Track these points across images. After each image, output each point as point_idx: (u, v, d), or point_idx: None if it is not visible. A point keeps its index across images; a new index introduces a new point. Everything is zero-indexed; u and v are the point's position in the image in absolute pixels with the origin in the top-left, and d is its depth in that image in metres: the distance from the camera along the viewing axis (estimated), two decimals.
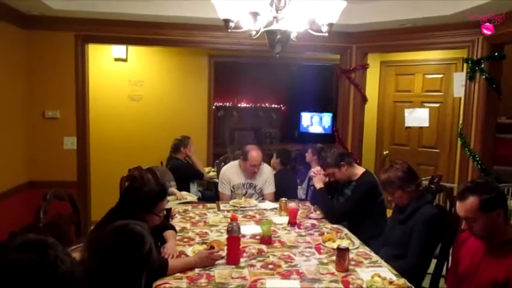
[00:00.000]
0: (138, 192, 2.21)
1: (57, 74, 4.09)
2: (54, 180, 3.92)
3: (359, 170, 3.12)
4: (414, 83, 5.19)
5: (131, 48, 5.20)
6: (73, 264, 0.98)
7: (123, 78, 5.26)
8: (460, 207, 1.84)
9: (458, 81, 4.12)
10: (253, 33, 2.26)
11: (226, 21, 2.22)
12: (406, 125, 5.17)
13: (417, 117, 5.06)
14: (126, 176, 3.36)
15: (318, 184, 3.17)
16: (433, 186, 3.16)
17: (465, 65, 3.97)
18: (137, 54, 5.28)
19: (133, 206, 2.18)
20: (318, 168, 3.29)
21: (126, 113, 5.26)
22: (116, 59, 5.22)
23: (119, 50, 5.17)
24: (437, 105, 5.00)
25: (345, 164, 3.05)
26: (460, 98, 4.33)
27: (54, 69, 4.08)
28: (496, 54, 3.67)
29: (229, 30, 2.24)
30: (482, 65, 3.74)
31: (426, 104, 5.07)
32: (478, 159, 3.80)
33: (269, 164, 4.01)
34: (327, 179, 3.18)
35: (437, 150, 5.03)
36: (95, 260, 1.33)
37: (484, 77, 3.74)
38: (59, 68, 4.09)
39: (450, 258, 2.39)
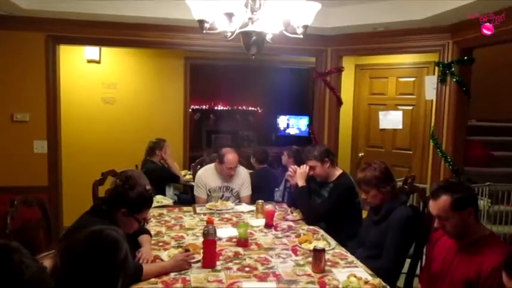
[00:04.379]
0: (129, 191, 2.12)
1: (26, 75, 3.97)
2: (24, 186, 3.81)
3: (337, 171, 3.14)
4: (388, 86, 5.30)
5: (104, 49, 5.10)
6: (40, 269, 0.95)
7: (96, 81, 5.15)
8: (433, 206, 1.87)
9: (430, 84, 4.22)
10: (229, 34, 2.26)
11: (201, 22, 2.21)
12: (381, 127, 5.26)
13: (391, 119, 5.17)
14: (117, 175, 3.23)
15: (300, 181, 3.08)
16: (406, 187, 3.22)
17: (436, 68, 4.07)
18: (111, 55, 5.19)
19: (120, 204, 2.09)
20: (294, 167, 3.24)
21: (100, 116, 5.16)
22: (89, 61, 5.11)
23: (91, 51, 5.06)
24: (410, 107, 5.12)
25: (328, 161, 3.07)
26: (432, 101, 4.43)
27: (24, 71, 3.96)
28: (466, 58, 3.78)
29: (205, 31, 2.23)
30: (453, 69, 3.84)
31: (400, 107, 5.17)
32: (449, 160, 3.89)
33: (249, 166, 3.98)
34: (310, 174, 3.10)
35: (411, 152, 5.14)
36: (69, 267, 1.28)
37: (454, 80, 3.84)
38: (28, 69, 3.97)
39: (424, 257, 2.44)
